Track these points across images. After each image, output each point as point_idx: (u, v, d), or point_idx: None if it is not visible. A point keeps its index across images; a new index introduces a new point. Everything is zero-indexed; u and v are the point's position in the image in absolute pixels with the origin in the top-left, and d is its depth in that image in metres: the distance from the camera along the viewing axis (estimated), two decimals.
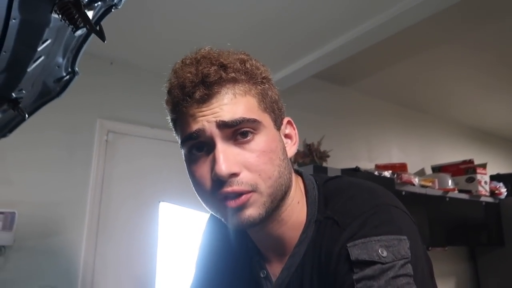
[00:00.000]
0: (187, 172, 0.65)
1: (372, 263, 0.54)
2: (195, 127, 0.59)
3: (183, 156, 0.65)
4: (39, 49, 0.81)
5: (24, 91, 0.94)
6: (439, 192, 3.11)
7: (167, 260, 2.29)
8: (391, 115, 3.80)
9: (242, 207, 0.58)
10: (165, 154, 2.25)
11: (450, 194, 3.18)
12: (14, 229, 1.84)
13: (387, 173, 2.76)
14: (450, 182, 3.29)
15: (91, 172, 2.17)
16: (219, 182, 0.58)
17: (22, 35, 0.72)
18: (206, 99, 0.59)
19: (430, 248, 3.04)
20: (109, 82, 2.36)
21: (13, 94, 0.94)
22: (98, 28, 0.77)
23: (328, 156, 2.89)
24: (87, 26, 0.75)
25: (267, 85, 0.65)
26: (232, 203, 0.58)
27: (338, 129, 3.18)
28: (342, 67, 2.86)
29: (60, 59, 0.94)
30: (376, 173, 2.69)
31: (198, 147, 0.61)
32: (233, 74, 0.60)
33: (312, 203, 0.68)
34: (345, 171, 2.48)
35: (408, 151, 3.76)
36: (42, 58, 0.86)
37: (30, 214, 1.92)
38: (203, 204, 0.65)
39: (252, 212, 0.59)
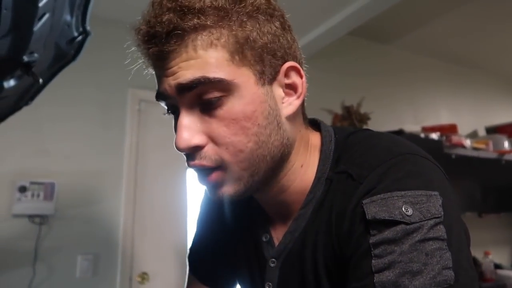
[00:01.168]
0: None
1: (393, 223, 0.43)
2: (161, 87, 0.52)
3: None
4: (40, 4, 0.75)
5: (35, 54, 0.90)
6: (493, 155, 2.89)
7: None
8: (438, 72, 3.50)
9: (216, 185, 0.52)
10: None
11: (506, 157, 2.94)
12: (55, 199, 1.90)
13: (434, 135, 2.56)
14: (506, 143, 3.05)
15: (125, 141, 2.18)
16: (186, 153, 0.52)
17: None
18: (162, 57, 0.49)
19: (482, 215, 2.86)
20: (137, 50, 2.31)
21: (24, 57, 0.89)
22: None
23: (369, 119, 2.73)
24: None
25: (251, 23, 0.49)
26: (206, 180, 0.53)
27: (379, 90, 2.97)
28: (382, 22, 2.63)
29: (68, 17, 0.89)
30: (422, 135, 2.51)
31: (172, 110, 0.54)
32: (195, 21, 0.47)
33: (324, 159, 0.56)
34: None
35: (459, 111, 3.48)
36: (47, 15, 0.80)
37: (68, 184, 1.97)
38: None
39: (228, 189, 0.52)
